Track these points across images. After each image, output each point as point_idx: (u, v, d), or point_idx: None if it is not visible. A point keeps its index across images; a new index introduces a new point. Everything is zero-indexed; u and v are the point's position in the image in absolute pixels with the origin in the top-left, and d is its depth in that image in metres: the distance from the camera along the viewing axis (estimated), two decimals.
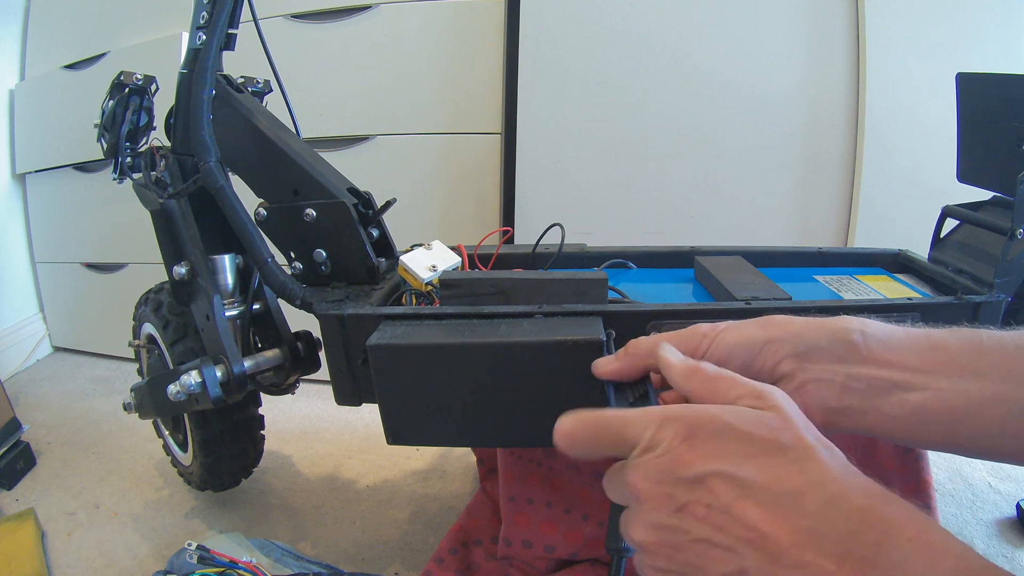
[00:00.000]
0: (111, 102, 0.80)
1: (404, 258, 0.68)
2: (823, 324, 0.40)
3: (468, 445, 0.89)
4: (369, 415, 1.19)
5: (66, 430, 1.17)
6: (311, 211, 0.70)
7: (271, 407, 1.07)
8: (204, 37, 0.71)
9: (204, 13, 0.71)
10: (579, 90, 1.15)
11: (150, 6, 1.29)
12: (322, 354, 0.70)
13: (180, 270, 0.74)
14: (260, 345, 0.83)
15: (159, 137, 0.81)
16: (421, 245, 0.71)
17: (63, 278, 1.51)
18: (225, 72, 0.75)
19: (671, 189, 1.17)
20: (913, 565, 0.27)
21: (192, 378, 0.68)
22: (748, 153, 1.14)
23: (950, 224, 0.78)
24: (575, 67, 1.15)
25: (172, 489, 0.99)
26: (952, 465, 1.01)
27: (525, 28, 1.15)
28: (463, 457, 1.06)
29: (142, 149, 0.81)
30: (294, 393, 0.83)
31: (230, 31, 0.72)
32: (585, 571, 0.70)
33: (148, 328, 0.88)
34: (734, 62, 1.11)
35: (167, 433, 0.96)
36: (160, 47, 1.26)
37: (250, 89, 0.82)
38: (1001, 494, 0.94)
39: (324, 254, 0.72)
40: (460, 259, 0.71)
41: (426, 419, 0.56)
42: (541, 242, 0.83)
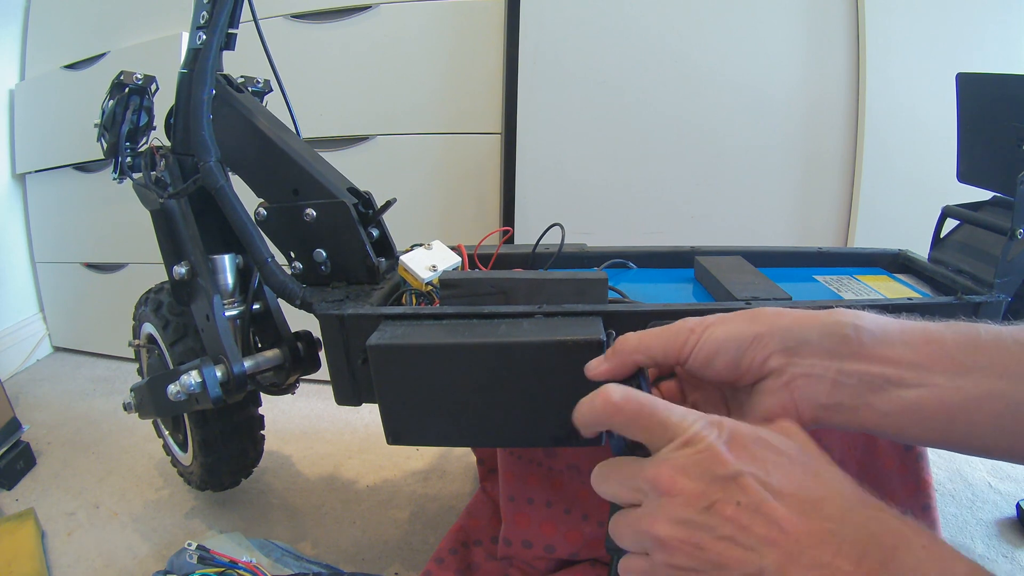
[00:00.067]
0: (111, 102, 0.80)
1: (404, 258, 0.68)
2: (814, 318, 0.39)
3: (468, 445, 0.89)
4: (369, 415, 1.19)
5: (66, 430, 1.17)
6: (311, 211, 0.70)
7: (271, 407, 1.07)
8: (204, 37, 0.71)
9: (204, 13, 0.71)
10: (579, 90, 1.15)
11: (150, 6, 1.29)
12: (322, 354, 0.70)
13: (180, 270, 0.74)
14: (260, 345, 0.83)
15: (159, 137, 0.81)
16: (421, 245, 0.71)
17: (63, 278, 1.51)
18: (225, 72, 0.75)
19: (671, 189, 1.17)
20: (927, 569, 0.28)
21: (192, 378, 0.68)
22: (748, 153, 1.14)
23: (950, 224, 0.78)
24: (575, 67, 1.15)
25: (172, 489, 0.99)
26: (952, 465, 1.01)
27: (525, 28, 1.15)
28: (463, 457, 1.06)
29: (142, 149, 0.81)
30: (294, 393, 0.83)
31: (230, 31, 0.72)
32: (585, 571, 0.70)
33: (148, 328, 0.88)
34: (734, 62, 1.11)
35: (167, 433, 0.96)
36: (160, 47, 1.26)
37: (250, 89, 0.82)
38: (1001, 494, 0.94)
39: (324, 254, 0.72)
40: (460, 259, 0.71)
41: (426, 419, 0.56)
42: (541, 242, 0.83)
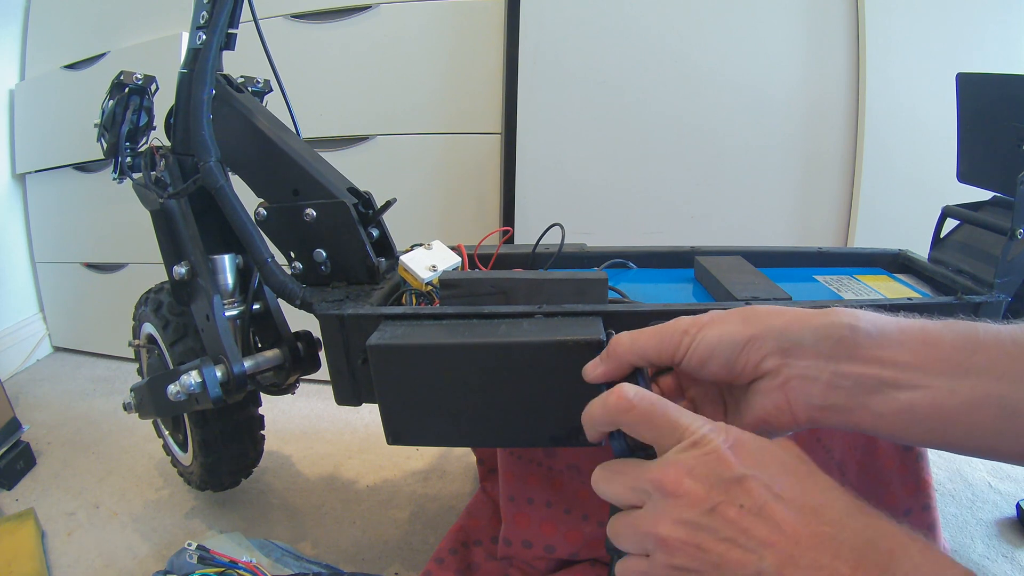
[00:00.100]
0: (111, 102, 0.80)
1: (404, 258, 0.68)
2: (810, 319, 0.39)
3: (468, 445, 0.89)
4: (369, 415, 1.19)
5: (66, 430, 1.17)
6: (311, 211, 0.70)
7: (271, 407, 1.07)
8: (204, 37, 0.71)
9: (204, 13, 0.71)
10: (579, 90, 1.15)
11: (150, 6, 1.29)
12: (322, 354, 0.70)
13: (180, 270, 0.74)
14: (260, 345, 0.83)
15: (159, 137, 0.81)
16: (421, 245, 0.71)
17: (63, 278, 1.51)
18: (225, 72, 0.75)
19: (671, 189, 1.17)
20: (923, 573, 0.28)
21: (192, 378, 0.68)
22: (748, 153, 1.14)
23: (950, 224, 0.78)
24: (575, 67, 1.15)
25: (172, 489, 0.99)
26: (952, 465, 1.01)
27: (525, 28, 1.15)
28: (463, 457, 1.06)
29: (142, 149, 0.81)
30: (294, 393, 0.83)
31: (230, 31, 0.72)
32: (585, 571, 0.70)
33: (148, 328, 0.88)
34: (734, 62, 1.11)
35: (167, 433, 0.96)
36: (160, 47, 1.26)
37: (250, 89, 0.82)
38: (1001, 494, 0.94)
39: (324, 254, 0.72)
40: (460, 259, 0.71)
41: (426, 419, 0.56)
42: (541, 242, 0.83)
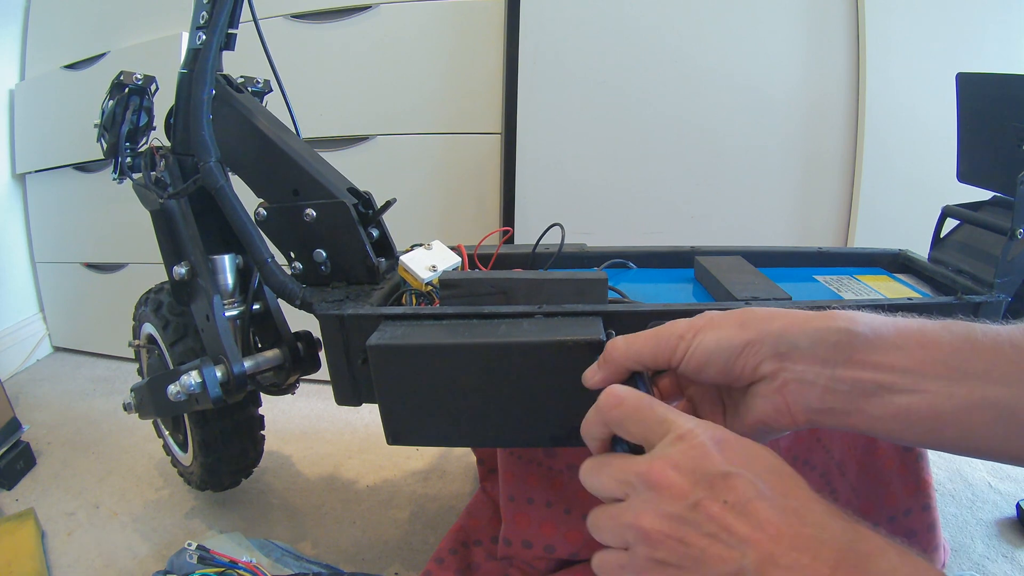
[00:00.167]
0: (111, 102, 0.80)
1: (404, 258, 0.68)
2: (806, 322, 0.39)
3: (468, 445, 0.89)
4: (369, 415, 1.19)
5: (66, 430, 1.17)
6: (311, 211, 0.70)
7: (271, 407, 1.07)
8: (204, 37, 0.71)
9: (204, 13, 0.71)
10: (579, 90, 1.15)
11: (150, 6, 1.29)
12: (322, 354, 0.70)
13: (180, 270, 0.74)
14: (260, 345, 0.83)
15: (159, 137, 0.81)
16: (421, 245, 0.71)
17: (63, 278, 1.51)
18: (225, 72, 0.75)
19: (671, 189, 1.17)
20: (902, 574, 0.28)
21: (192, 378, 0.68)
22: (748, 153, 1.14)
23: (950, 224, 0.78)
24: (575, 67, 1.15)
25: (172, 489, 0.99)
26: (952, 465, 1.01)
27: (525, 28, 1.15)
28: (463, 457, 1.06)
29: (142, 149, 0.81)
30: (294, 393, 0.83)
31: (230, 31, 0.72)
32: (585, 571, 0.70)
33: (148, 328, 0.88)
34: (734, 62, 1.11)
35: (167, 433, 0.96)
36: (160, 47, 1.26)
37: (250, 89, 0.82)
38: (1001, 494, 0.94)
39: (324, 254, 0.72)
40: (460, 259, 0.71)
41: (426, 419, 0.56)
42: (541, 242, 0.83)
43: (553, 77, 1.15)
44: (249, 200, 0.73)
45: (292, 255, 0.74)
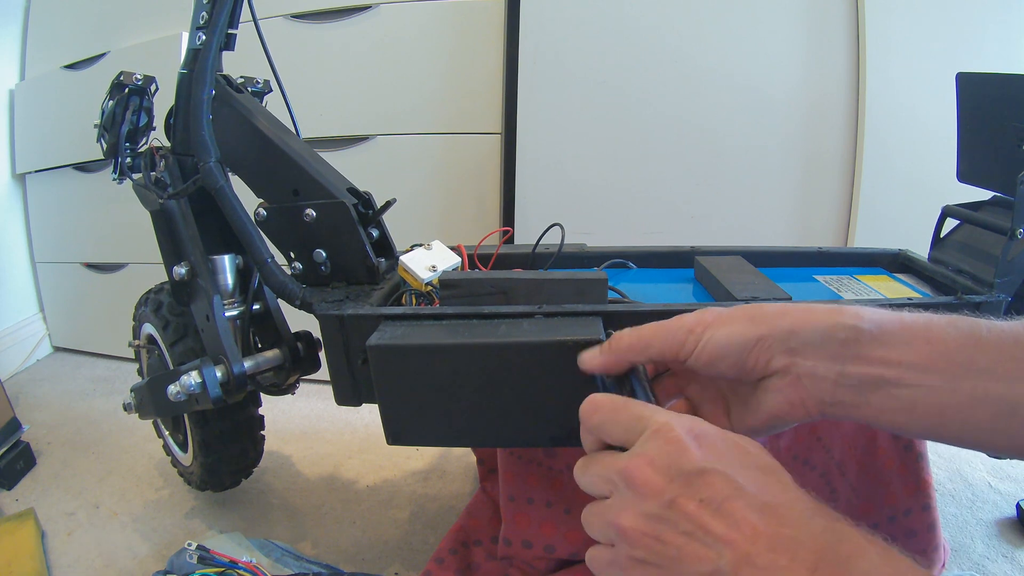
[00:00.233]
0: (111, 102, 0.80)
1: (404, 258, 0.68)
2: (815, 319, 0.39)
3: (468, 445, 0.89)
4: (369, 415, 1.19)
5: (66, 430, 1.17)
6: (311, 211, 0.70)
7: (271, 407, 1.07)
8: (204, 37, 0.71)
9: (204, 13, 0.71)
10: (579, 90, 1.15)
11: (150, 6, 1.29)
12: (322, 354, 0.70)
13: (180, 270, 0.74)
14: (260, 345, 0.83)
15: (159, 137, 0.81)
16: (421, 245, 0.71)
17: (63, 278, 1.51)
18: (225, 72, 0.75)
19: (671, 189, 1.17)
20: (881, 574, 0.28)
21: (192, 378, 0.68)
22: (748, 153, 1.14)
23: (950, 224, 0.78)
24: (575, 67, 1.15)
25: (172, 489, 0.99)
26: (952, 465, 1.01)
27: (525, 28, 1.15)
28: (463, 457, 1.06)
29: (142, 149, 0.81)
30: (294, 393, 0.83)
31: (230, 31, 0.72)
32: (585, 571, 0.70)
33: (148, 328, 0.88)
34: (734, 62, 1.11)
35: (167, 433, 0.96)
36: (160, 47, 1.26)
37: (250, 89, 0.82)
38: (1001, 494, 0.94)
39: (324, 254, 0.72)
40: (460, 259, 0.71)
41: (426, 419, 0.56)
42: (541, 242, 0.83)
43: (553, 77, 1.15)
44: (249, 200, 0.73)
45: (292, 255, 0.74)
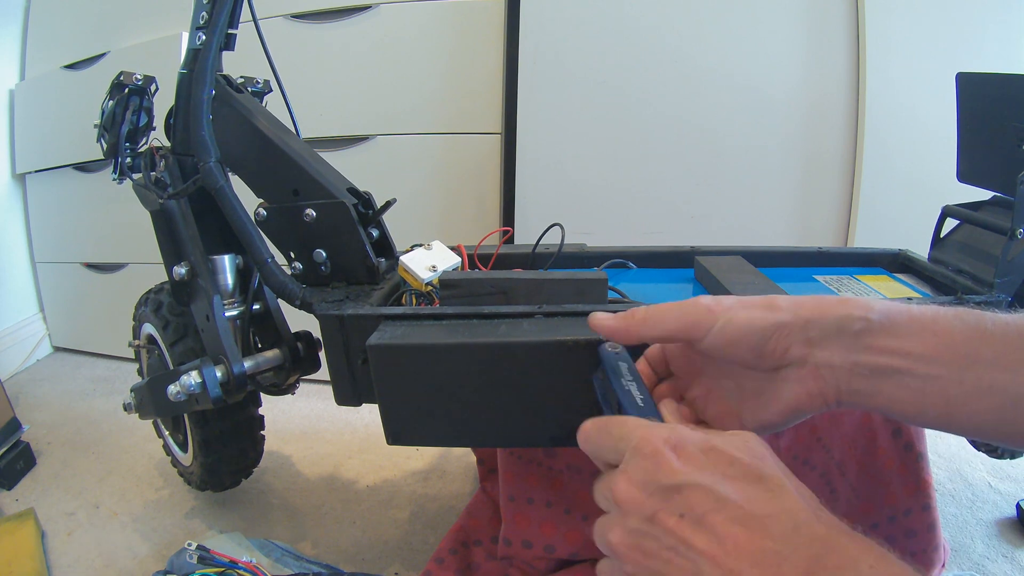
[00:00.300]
0: (111, 102, 0.80)
1: (404, 258, 0.68)
2: (830, 309, 0.40)
3: (468, 445, 0.89)
4: (369, 415, 1.19)
5: (66, 430, 1.17)
6: (311, 211, 0.70)
7: (271, 407, 1.07)
8: (204, 37, 0.71)
9: (204, 13, 0.71)
10: (579, 90, 1.15)
11: (150, 6, 1.29)
12: (322, 354, 0.70)
13: (180, 270, 0.74)
14: (260, 345, 0.83)
15: (159, 137, 0.81)
16: (421, 245, 0.71)
17: (63, 278, 1.51)
18: (225, 72, 0.75)
19: (671, 189, 1.17)
20: None
21: (192, 378, 0.68)
22: (748, 153, 1.14)
23: (950, 224, 0.78)
24: (575, 67, 1.15)
25: (172, 489, 0.99)
26: (952, 465, 1.01)
27: (525, 28, 1.15)
28: (463, 457, 1.06)
29: (142, 149, 0.81)
30: (294, 393, 0.83)
31: (230, 31, 0.72)
32: (585, 571, 0.70)
33: (148, 328, 0.88)
34: (734, 62, 1.11)
35: (167, 433, 0.96)
36: (160, 47, 1.26)
37: (250, 89, 0.82)
38: (1001, 494, 0.94)
39: (324, 254, 0.72)
40: (460, 259, 0.71)
41: (426, 419, 0.56)
42: (541, 242, 0.83)
43: (553, 77, 1.15)
44: (249, 200, 0.73)
45: (292, 255, 0.74)
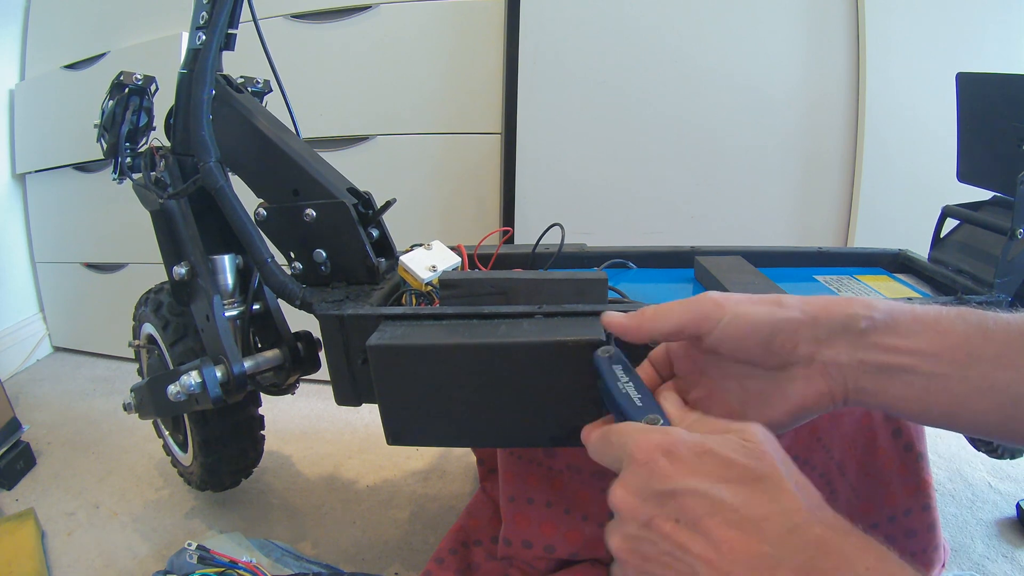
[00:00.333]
0: (111, 102, 0.80)
1: (404, 258, 0.68)
2: (835, 308, 0.40)
3: (468, 445, 0.89)
4: (369, 415, 1.19)
5: (66, 430, 1.17)
6: (311, 211, 0.70)
7: (271, 407, 1.07)
8: (204, 37, 0.71)
9: (204, 13, 0.71)
10: (579, 90, 1.15)
11: (150, 6, 1.29)
12: (322, 354, 0.70)
13: (180, 270, 0.74)
14: (260, 345, 0.83)
15: (159, 137, 0.81)
16: (421, 245, 0.71)
17: (63, 278, 1.51)
18: (225, 72, 0.75)
19: (671, 189, 1.17)
20: None
21: (192, 378, 0.68)
22: (748, 153, 1.14)
23: (950, 224, 0.78)
24: (575, 67, 1.15)
25: (172, 489, 0.99)
26: (952, 465, 1.01)
27: (525, 28, 1.15)
28: (463, 457, 1.06)
29: (142, 149, 0.81)
30: (294, 393, 0.83)
31: (230, 31, 0.72)
32: (585, 571, 0.70)
33: (148, 328, 0.88)
34: (734, 62, 1.11)
35: (167, 433, 0.96)
36: (160, 47, 1.26)
37: (250, 89, 0.82)
38: (1001, 494, 0.94)
39: (324, 254, 0.72)
40: (460, 259, 0.71)
41: (426, 419, 0.56)
42: (541, 242, 0.83)
43: (553, 77, 1.15)
44: (249, 200, 0.73)
45: (292, 255, 0.74)
